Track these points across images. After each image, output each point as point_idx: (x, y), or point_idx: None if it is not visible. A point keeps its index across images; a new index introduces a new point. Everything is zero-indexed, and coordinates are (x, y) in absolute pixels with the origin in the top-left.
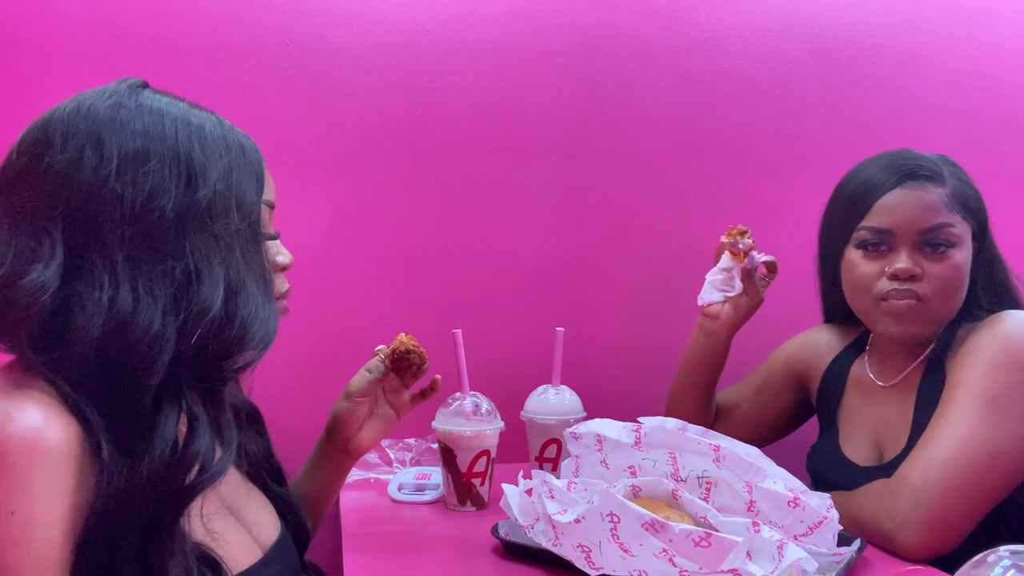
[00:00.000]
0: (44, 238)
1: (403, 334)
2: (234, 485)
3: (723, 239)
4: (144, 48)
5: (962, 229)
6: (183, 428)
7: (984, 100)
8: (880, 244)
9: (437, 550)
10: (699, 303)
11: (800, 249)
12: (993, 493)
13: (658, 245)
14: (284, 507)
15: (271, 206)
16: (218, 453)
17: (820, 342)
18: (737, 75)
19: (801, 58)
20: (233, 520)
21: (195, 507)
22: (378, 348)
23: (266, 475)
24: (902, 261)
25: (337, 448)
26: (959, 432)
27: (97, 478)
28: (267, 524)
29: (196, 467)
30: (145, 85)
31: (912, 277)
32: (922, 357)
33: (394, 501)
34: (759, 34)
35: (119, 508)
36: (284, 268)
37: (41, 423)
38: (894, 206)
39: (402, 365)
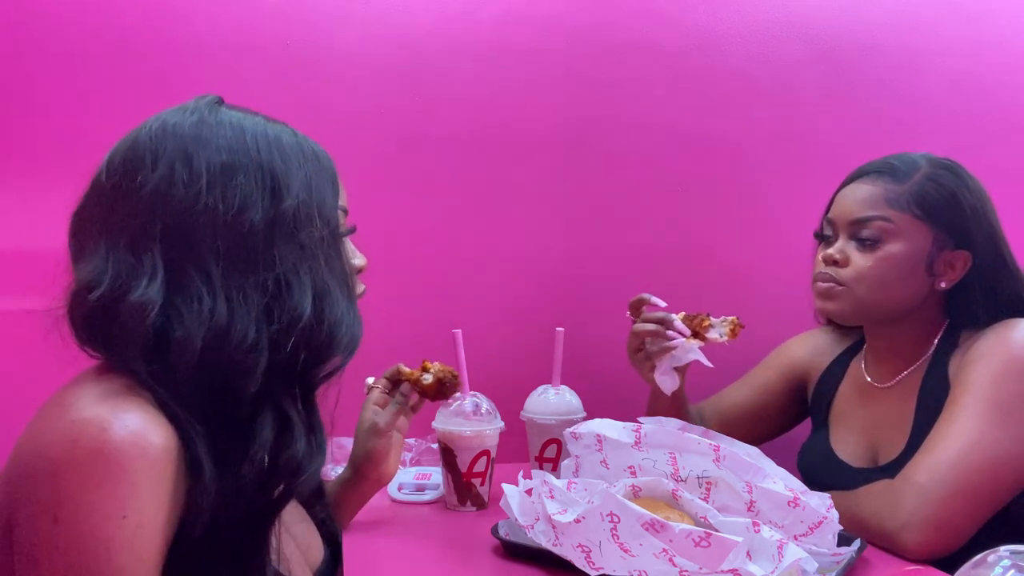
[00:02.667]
0: (144, 255)
1: (435, 364)
2: (291, 503)
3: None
4: (145, 48)
5: (904, 226)
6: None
7: (984, 100)
8: (828, 234)
9: (437, 550)
10: (669, 392)
11: (799, 249)
12: (998, 498)
13: (658, 245)
14: (323, 527)
15: (345, 211)
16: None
17: (820, 343)
18: (737, 75)
19: (801, 58)
20: (292, 542)
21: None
22: (368, 379)
23: (311, 494)
24: (832, 248)
25: (371, 482)
26: (966, 436)
27: (194, 486)
28: (314, 545)
29: (292, 470)
30: (221, 101)
31: (835, 263)
32: (921, 360)
33: (394, 501)
34: (759, 34)
35: (217, 517)
36: (359, 270)
37: (144, 427)
38: (839, 199)
39: (447, 393)
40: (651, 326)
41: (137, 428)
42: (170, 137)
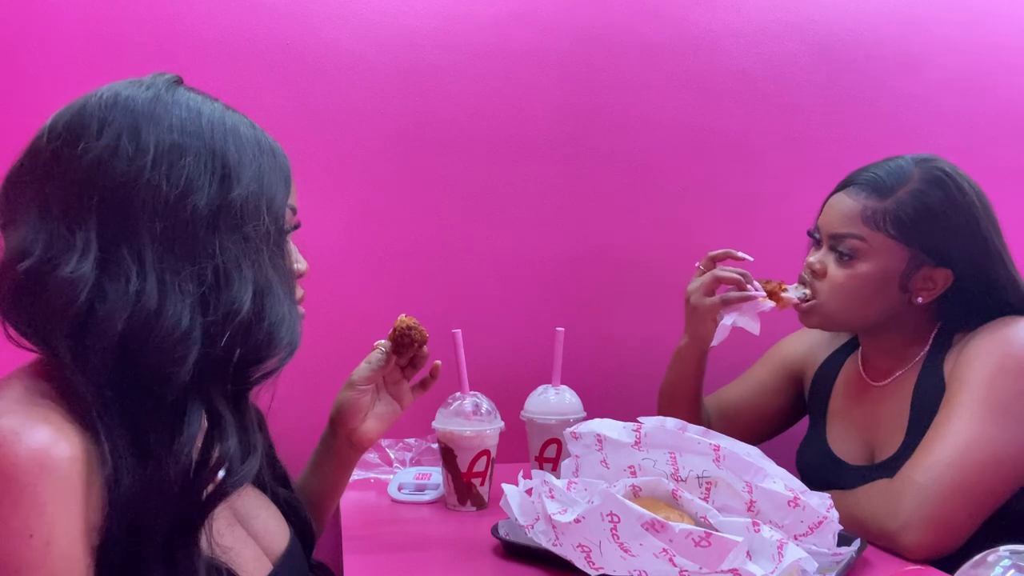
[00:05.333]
0: (77, 228)
1: (403, 315)
2: (244, 494)
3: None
4: (144, 48)
5: (878, 245)
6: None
7: (984, 100)
8: (816, 237)
9: (437, 550)
10: (717, 341)
11: (798, 249)
12: (997, 496)
13: (658, 245)
14: (289, 511)
15: (293, 210)
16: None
17: (815, 340)
18: (737, 75)
19: (801, 58)
20: (243, 532)
21: (208, 520)
22: (378, 342)
23: (270, 479)
24: (815, 256)
25: (342, 440)
26: (964, 435)
27: (111, 488)
28: (276, 532)
29: (222, 470)
30: (180, 81)
31: (813, 272)
32: (915, 359)
33: (394, 501)
34: (759, 34)
35: (139, 518)
36: (300, 275)
37: (49, 441)
38: (827, 207)
39: (404, 342)
40: (736, 275)
41: (39, 443)
42: (121, 108)
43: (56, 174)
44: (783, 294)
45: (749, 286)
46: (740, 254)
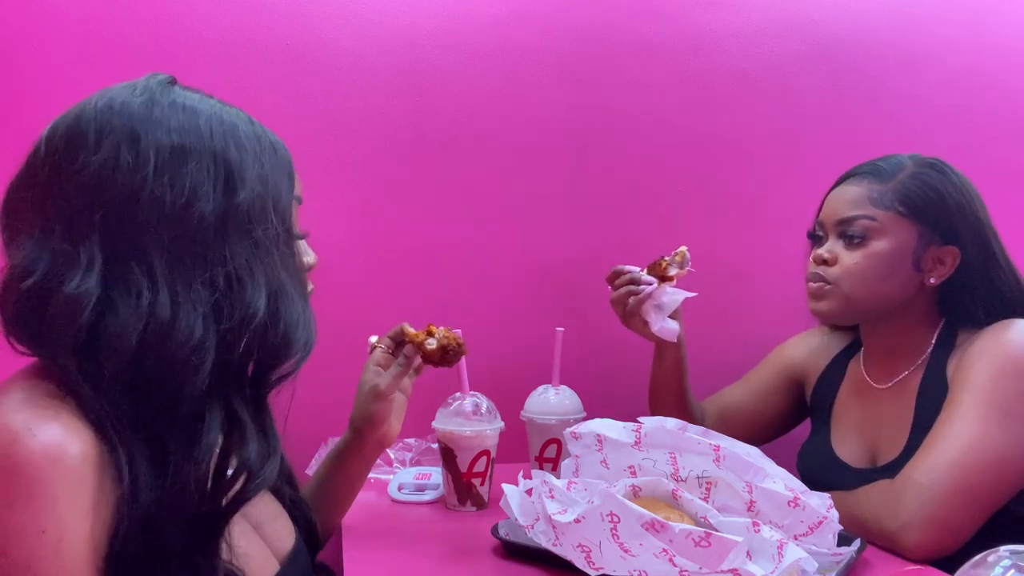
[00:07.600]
0: (81, 244)
1: (442, 329)
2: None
3: (678, 270)
4: (144, 48)
5: (888, 223)
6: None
7: (984, 100)
8: (819, 235)
9: (437, 550)
10: (673, 337)
11: (799, 249)
12: (997, 497)
13: (658, 245)
14: (295, 510)
15: (299, 201)
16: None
17: (818, 343)
18: (737, 75)
19: (801, 58)
20: (252, 532)
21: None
22: (372, 339)
23: (278, 480)
24: (822, 248)
25: (372, 444)
26: (965, 436)
27: (123, 493)
28: (283, 532)
29: (244, 475)
30: (174, 81)
31: (824, 262)
32: (920, 361)
33: (394, 501)
34: (759, 34)
35: (159, 526)
36: (309, 268)
37: (62, 437)
38: (828, 201)
39: (451, 359)
40: (623, 289)
41: (51, 439)
42: (116, 115)
43: (56, 190)
44: (668, 271)
45: (642, 285)
46: (626, 268)
